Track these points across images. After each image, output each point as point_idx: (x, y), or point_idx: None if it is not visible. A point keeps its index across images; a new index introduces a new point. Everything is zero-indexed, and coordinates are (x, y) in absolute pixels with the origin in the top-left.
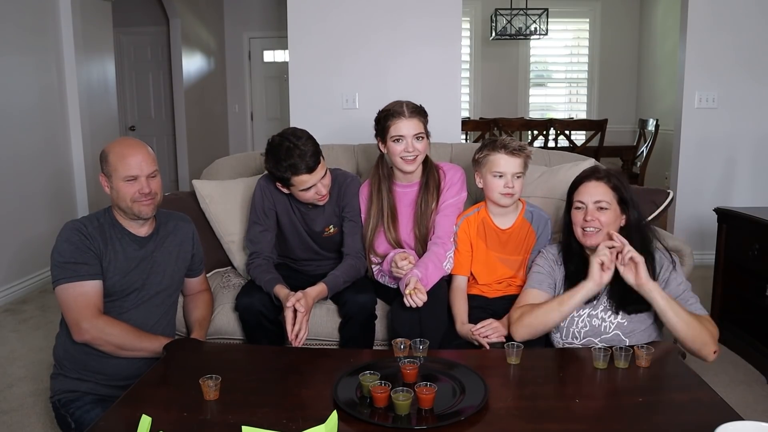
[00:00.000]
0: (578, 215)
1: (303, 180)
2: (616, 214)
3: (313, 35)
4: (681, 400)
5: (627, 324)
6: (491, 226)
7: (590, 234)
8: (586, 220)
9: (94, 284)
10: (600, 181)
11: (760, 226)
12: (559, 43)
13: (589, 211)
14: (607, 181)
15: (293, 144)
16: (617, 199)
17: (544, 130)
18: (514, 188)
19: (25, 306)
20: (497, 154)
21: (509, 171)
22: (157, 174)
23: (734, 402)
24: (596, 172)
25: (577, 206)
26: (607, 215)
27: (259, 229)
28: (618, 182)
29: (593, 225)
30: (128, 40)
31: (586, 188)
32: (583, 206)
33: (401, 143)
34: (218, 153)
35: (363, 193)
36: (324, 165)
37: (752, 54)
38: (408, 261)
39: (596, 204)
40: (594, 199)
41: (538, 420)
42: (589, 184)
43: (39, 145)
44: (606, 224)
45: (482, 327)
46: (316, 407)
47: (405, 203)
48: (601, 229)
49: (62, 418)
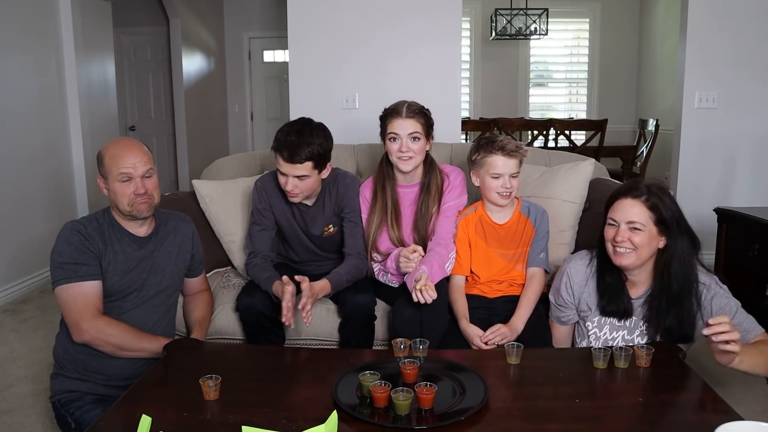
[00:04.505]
0: (610, 232)
1: (279, 162)
2: (652, 235)
3: (313, 35)
4: (681, 400)
5: None
6: (489, 222)
7: (621, 254)
8: (617, 240)
9: (94, 285)
10: (637, 199)
11: (760, 226)
12: (559, 43)
13: (621, 231)
14: (645, 200)
15: (295, 128)
16: (654, 220)
17: (544, 130)
18: (511, 188)
19: (25, 306)
20: (494, 156)
21: (506, 172)
22: (152, 173)
23: (734, 402)
24: (634, 189)
25: (609, 223)
26: (641, 237)
27: (257, 228)
28: (659, 201)
29: (624, 246)
30: (128, 40)
31: (621, 206)
32: (616, 224)
33: (396, 142)
34: (218, 153)
35: (365, 192)
36: (311, 171)
37: (752, 54)
38: (418, 253)
39: (629, 224)
40: (627, 219)
41: (538, 420)
42: (625, 201)
43: (39, 145)
44: (639, 245)
45: (491, 334)
46: (316, 407)
47: (406, 203)
48: (635, 249)
49: (62, 418)
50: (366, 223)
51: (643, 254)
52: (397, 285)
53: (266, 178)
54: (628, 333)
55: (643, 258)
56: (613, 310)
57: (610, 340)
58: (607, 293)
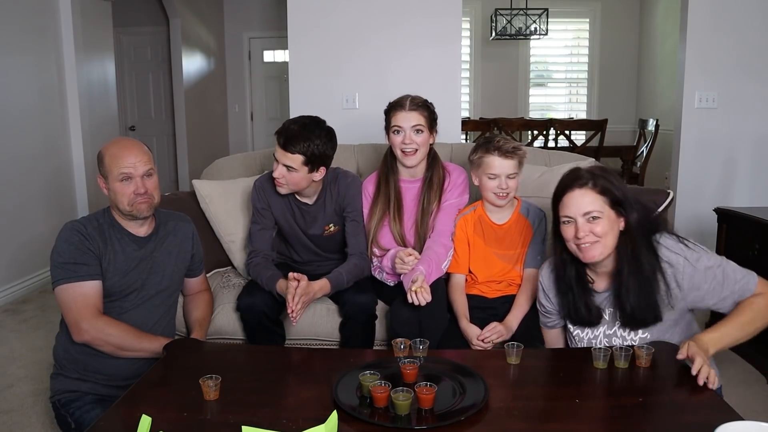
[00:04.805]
0: (569, 231)
1: (275, 147)
2: (612, 220)
3: (313, 35)
4: (681, 400)
5: (650, 336)
6: (488, 222)
7: (587, 249)
8: (578, 236)
9: (94, 284)
10: (584, 188)
11: (760, 226)
12: (559, 43)
13: (579, 225)
14: (593, 185)
15: (301, 121)
16: (609, 203)
17: (544, 130)
18: (507, 189)
19: (25, 306)
20: (491, 156)
21: (503, 173)
22: (153, 173)
23: (734, 402)
24: (578, 178)
25: (564, 221)
26: (602, 225)
27: (257, 227)
28: (606, 182)
29: (587, 240)
30: (128, 40)
31: (571, 199)
32: (572, 220)
33: (399, 135)
34: (218, 153)
35: (368, 186)
36: (299, 165)
37: (752, 54)
38: (414, 257)
39: (586, 216)
40: (582, 211)
41: (538, 420)
42: (573, 194)
43: (39, 145)
44: (603, 234)
45: (488, 332)
46: (316, 407)
47: (409, 198)
48: (599, 240)
49: (62, 418)
50: (367, 217)
51: (609, 242)
52: (393, 284)
53: (265, 178)
54: (608, 327)
55: (610, 246)
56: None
57: (593, 339)
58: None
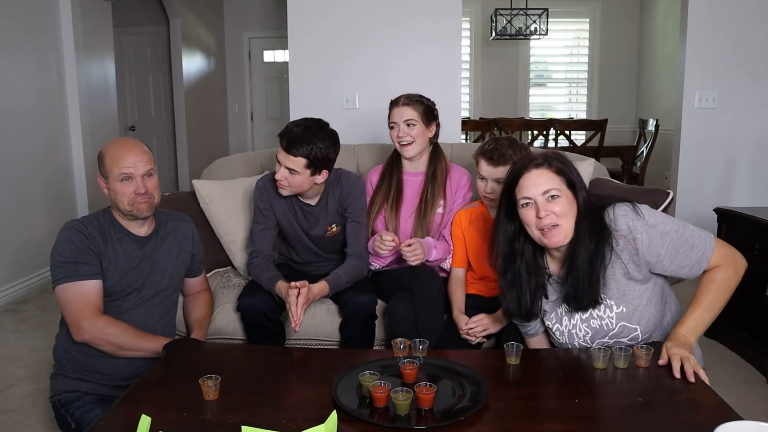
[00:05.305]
0: (529, 214)
1: (278, 151)
2: (569, 200)
3: (313, 35)
4: (681, 400)
5: (626, 309)
6: (490, 219)
7: (549, 231)
8: (540, 216)
9: (94, 284)
10: (541, 168)
11: (760, 226)
12: (559, 43)
13: (540, 204)
14: (549, 165)
15: (305, 123)
16: (566, 183)
17: (544, 130)
18: (492, 193)
19: (25, 306)
20: (481, 159)
21: (490, 177)
22: (153, 173)
23: (734, 402)
24: (532, 159)
25: (523, 204)
26: (561, 204)
27: (258, 228)
28: (561, 164)
29: (549, 220)
30: (128, 40)
31: (528, 180)
32: (531, 201)
33: (395, 129)
34: (218, 153)
35: (373, 176)
36: (302, 168)
37: (752, 54)
38: (392, 239)
39: (545, 194)
40: (542, 190)
41: (538, 420)
42: (530, 174)
43: (39, 145)
44: (562, 213)
45: (473, 323)
46: (316, 407)
47: (410, 191)
48: (560, 221)
49: (62, 418)
50: (369, 205)
51: (569, 224)
52: (376, 266)
53: (267, 178)
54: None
55: (570, 229)
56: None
57: (572, 329)
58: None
